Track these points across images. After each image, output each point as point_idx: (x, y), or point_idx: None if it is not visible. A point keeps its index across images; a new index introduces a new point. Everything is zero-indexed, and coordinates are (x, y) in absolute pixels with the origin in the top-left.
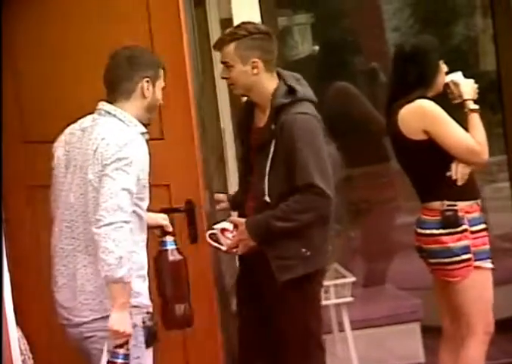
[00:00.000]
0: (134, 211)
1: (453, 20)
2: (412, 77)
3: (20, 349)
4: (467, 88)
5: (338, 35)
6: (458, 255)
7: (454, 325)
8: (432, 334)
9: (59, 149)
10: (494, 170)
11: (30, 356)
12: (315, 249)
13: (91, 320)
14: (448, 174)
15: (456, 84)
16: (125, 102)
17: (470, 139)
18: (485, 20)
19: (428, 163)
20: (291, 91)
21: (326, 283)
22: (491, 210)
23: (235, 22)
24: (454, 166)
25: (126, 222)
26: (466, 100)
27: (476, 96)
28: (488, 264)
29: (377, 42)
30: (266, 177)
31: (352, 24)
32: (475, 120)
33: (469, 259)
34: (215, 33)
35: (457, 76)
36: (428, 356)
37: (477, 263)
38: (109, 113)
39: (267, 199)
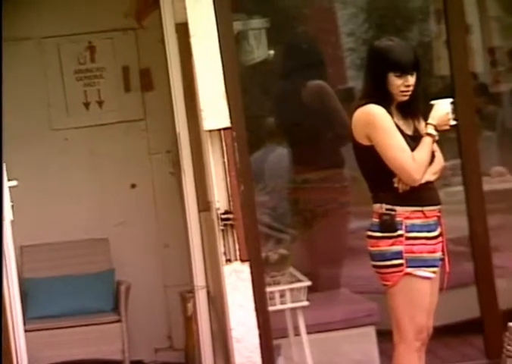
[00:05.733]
0: None
1: (407, 26)
2: (364, 83)
3: None
4: (436, 114)
5: (294, 39)
6: (389, 260)
7: None
8: (387, 337)
9: None
10: (448, 174)
11: None
12: None
13: None
14: (394, 179)
15: (432, 107)
16: None
17: (407, 156)
18: (438, 26)
19: (373, 167)
20: None
21: (281, 287)
22: (445, 214)
23: (191, 27)
24: None
25: None
26: (427, 123)
27: (443, 127)
28: (422, 272)
29: (332, 46)
30: None
31: (307, 29)
32: (424, 142)
33: (400, 265)
34: (170, 38)
35: (441, 102)
36: (383, 360)
37: (409, 270)
38: None
39: None
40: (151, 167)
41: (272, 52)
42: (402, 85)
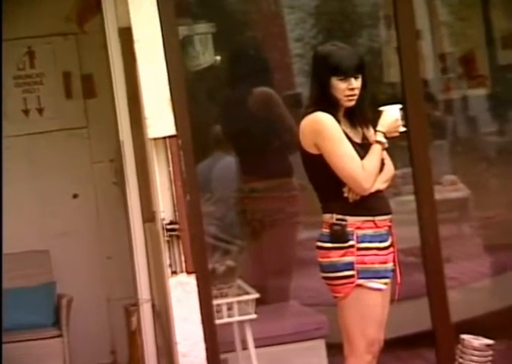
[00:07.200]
0: None
1: (356, 31)
2: (310, 91)
3: None
4: (385, 121)
5: (241, 45)
6: (340, 271)
7: None
8: (337, 351)
9: None
10: (398, 182)
11: None
12: None
13: None
14: (344, 189)
15: (381, 113)
16: None
17: (356, 165)
18: (388, 32)
19: (322, 176)
20: None
21: (229, 299)
22: (395, 223)
23: (134, 31)
24: None
25: None
26: (377, 130)
27: (392, 134)
28: (374, 284)
29: (280, 52)
30: None
31: (255, 34)
32: (374, 150)
33: (351, 276)
34: (113, 43)
35: (389, 108)
36: None
37: (360, 281)
38: None
39: None
40: (93, 177)
41: (218, 58)
42: (346, 89)
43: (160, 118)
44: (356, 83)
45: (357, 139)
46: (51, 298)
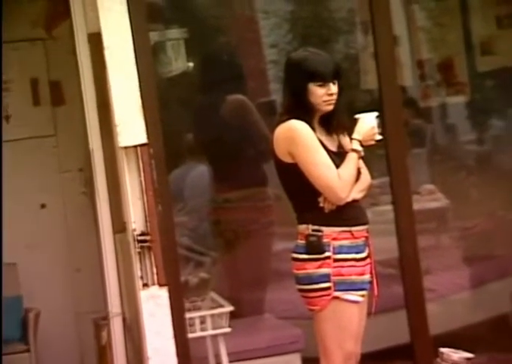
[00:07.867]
0: None
1: (333, 37)
2: (283, 98)
3: None
4: (361, 129)
5: (214, 51)
6: (317, 283)
7: None
8: None
9: None
10: (376, 192)
11: None
12: None
13: None
14: (319, 199)
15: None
16: None
17: (332, 174)
18: (365, 37)
19: (297, 186)
20: None
21: (202, 313)
22: (373, 234)
23: (104, 37)
24: None
25: None
26: (352, 138)
27: (368, 142)
28: (351, 296)
29: (254, 58)
30: None
31: (229, 39)
32: (350, 158)
33: (328, 288)
34: (82, 49)
35: (366, 115)
36: None
37: (337, 293)
38: None
39: None
40: (61, 187)
41: (191, 64)
42: (325, 94)
43: (131, 126)
44: (334, 88)
45: (333, 148)
46: (17, 312)
